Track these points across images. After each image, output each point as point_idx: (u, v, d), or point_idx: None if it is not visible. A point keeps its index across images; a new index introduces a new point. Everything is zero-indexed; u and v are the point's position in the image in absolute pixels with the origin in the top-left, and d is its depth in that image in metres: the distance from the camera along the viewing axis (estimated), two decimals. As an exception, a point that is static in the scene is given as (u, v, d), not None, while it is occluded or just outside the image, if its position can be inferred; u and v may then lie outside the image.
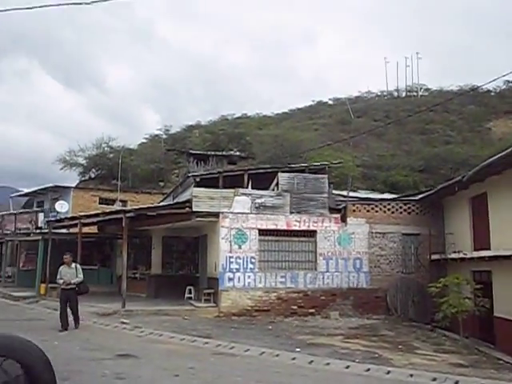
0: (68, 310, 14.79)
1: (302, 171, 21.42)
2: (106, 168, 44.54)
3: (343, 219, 20.23)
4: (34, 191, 37.40)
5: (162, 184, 43.15)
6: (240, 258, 18.96)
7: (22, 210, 34.95)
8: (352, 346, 13.25)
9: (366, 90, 74.71)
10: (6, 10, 11.70)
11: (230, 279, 18.81)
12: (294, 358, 11.44)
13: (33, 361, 1.18)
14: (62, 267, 15.01)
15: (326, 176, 21.01)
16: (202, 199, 19.11)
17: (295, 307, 19.07)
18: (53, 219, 25.75)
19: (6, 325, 15.93)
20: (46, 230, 25.52)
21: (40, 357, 1.22)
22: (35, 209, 32.76)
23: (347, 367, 10.64)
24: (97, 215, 22.00)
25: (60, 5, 12.57)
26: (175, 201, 22.75)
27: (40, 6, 11.17)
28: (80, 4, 12.54)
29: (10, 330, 14.70)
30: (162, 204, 24.15)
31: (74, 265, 15.08)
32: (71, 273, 14.78)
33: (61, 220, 24.33)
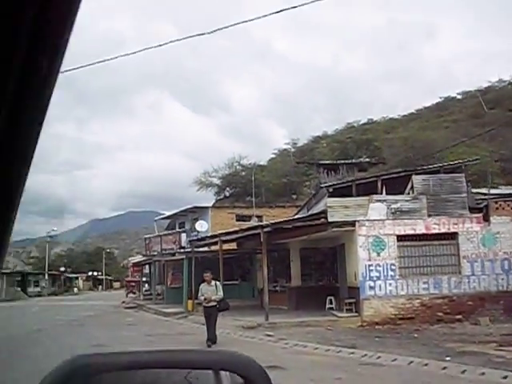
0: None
1: (437, 172, 20.71)
2: (240, 186, 46.01)
3: (486, 218, 19.23)
4: (175, 213, 39.60)
5: (294, 197, 43.69)
6: (380, 266, 18.69)
7: (166, 232, 37.09)
8: (508, 355, 12.45)
9: (497, 78, 70.20)
10: (138, 52, 12.65)
11: (371, 288, 18.59)
12: (444, 368, 11.03)
13: (254, 375, 1.34)
14: (202, 285, 15.48)
15: (462, 175, 20.17)
16: (337, 209, 19.11)
17: (441, 314, 18.38)
18: (194, 239, 27.10)
19: (160, 339, 17.03)
20: (189, 249, 26.91)
21: (261, 373, 1.37)
22: (178, 230, 34.62)
23: (505, 377, 9.96)
24: (236, 232, 22.78)
25: (185, 38, 13.34)
26: (310, 212, 22.96)
27: (169, 42, 11.94)
28: (202, 34, 13.24)
29: (165, 343, 15.71)
30: (297, 217, 24.45)
31: (213, 282, 15.38)
32: (211, 290, 15.12)
33: (202, 239, 25.54)
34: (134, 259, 53.84)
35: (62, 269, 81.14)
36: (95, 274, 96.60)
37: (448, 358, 11.86)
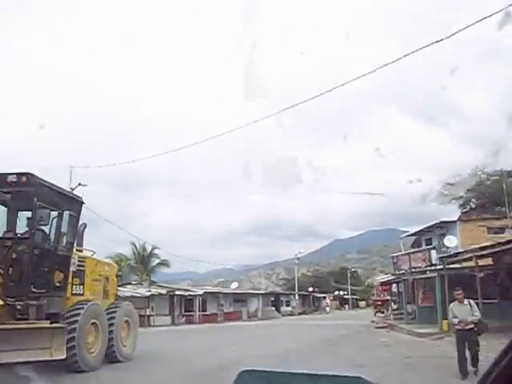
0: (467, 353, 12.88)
1: None
2: (487, 196, 42.91)
3: None
4: (421, 230, 38.46)
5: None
6: None
7: (414, 250, 36.07)
8: None
9: None
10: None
11: None
12: None
13: None
14: (452, 304, 13.70)
15: None
16: None
17: None
18: (446, 255, 25.87)
19: (420, 362, 16.27)
20: (440, 267, 25.75)
21: None
22: (426, 247, 33.40)
23: None
24: (492, 246, 21.15)
25: (425, 46, 12.92)
26: None
27: (401, 57, 11.66)
28: (440, 41, 12.73)
29: (426, 367, 15.01)
30: None
31: (466, 301, 13.45)
32: (465, 310, 13.20)
33: (455, 255, 24.30)
34: (382, 278, 53.52)
35: (310, 289, 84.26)
36: (341, 293, 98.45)
37: None
